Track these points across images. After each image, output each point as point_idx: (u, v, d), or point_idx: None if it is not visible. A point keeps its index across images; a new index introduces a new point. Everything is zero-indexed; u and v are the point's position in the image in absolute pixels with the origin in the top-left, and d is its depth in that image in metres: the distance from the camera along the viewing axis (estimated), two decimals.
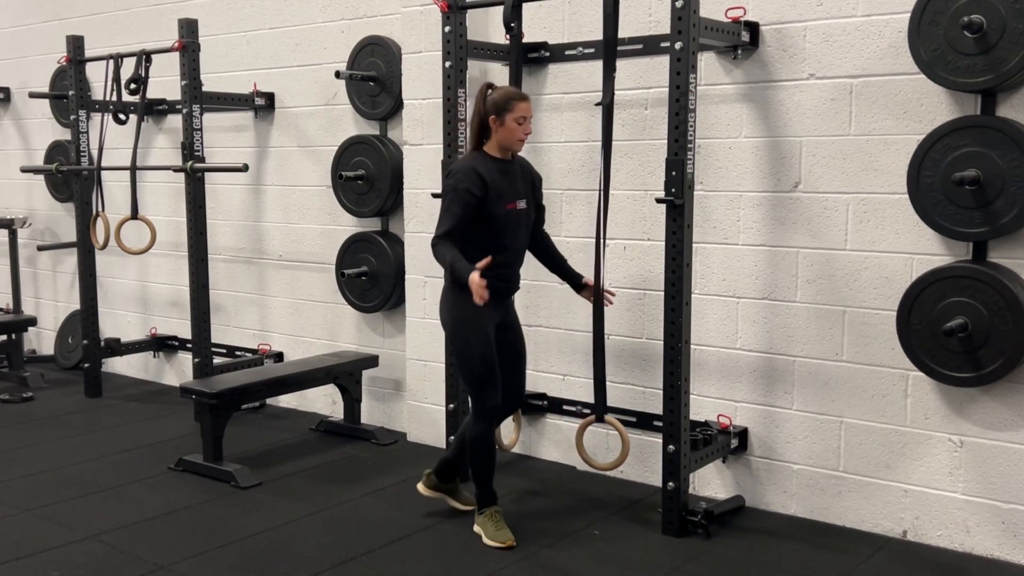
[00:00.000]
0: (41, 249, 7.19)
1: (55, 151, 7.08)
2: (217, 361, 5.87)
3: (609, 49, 3.90)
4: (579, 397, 4.69)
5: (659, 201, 3.78)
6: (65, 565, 3.69)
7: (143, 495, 4.47)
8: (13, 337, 6.82)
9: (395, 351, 5.50)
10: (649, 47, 4.31)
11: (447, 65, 4.42)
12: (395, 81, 5.22)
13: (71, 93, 6.09)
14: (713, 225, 4.28)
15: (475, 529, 3.94)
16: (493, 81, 3.96)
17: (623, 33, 4.14)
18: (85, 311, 6.30)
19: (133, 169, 5.71)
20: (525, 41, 4.50)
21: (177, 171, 5.56)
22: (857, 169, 3.91)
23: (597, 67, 4.32)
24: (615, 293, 4.22)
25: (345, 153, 5.46)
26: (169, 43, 5.52)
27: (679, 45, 3.67)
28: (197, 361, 5.69)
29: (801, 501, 4.15)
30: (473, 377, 3.81)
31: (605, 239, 3.96)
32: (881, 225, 3.87)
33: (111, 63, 5.69)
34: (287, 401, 6.04)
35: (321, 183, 5.73)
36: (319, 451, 5.14)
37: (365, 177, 5.34)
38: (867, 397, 3.96)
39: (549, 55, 4.66)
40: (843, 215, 3.96)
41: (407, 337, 5.27)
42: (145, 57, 5.57)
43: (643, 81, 4.42)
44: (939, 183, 3.59)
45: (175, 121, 6.33)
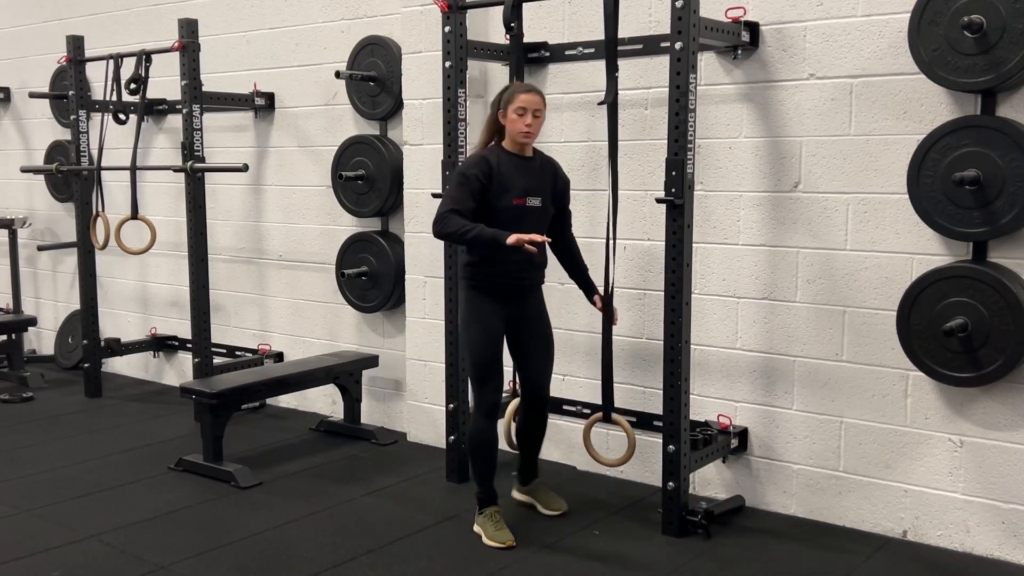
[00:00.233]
0: (41, 249, 7.19)
1: (55, 151, 7.09)
2: (217, 361, 5.87)
3: (610, 49, 3.90)
4: (579, 397, 4.69)
5: (659, 201, 3.78)
6: (65, 565, 3.69)
7: (143, 495, 4.47)
8: (13, 337, 6.82)
9: (395, 351, 5.50)
10: (649, 47, 4.31)
11: (447, 65, 4.42)
12: (395, 81, 5.22)
13: (71, 93, 6.09)
14: (713, 225, 4.28)
15: (475, 529, 3.94)
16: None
17: (623, 33, 4.13)
18: (85, 311, 6.30)
19: (133, 169, 5.71)
20: (525, 41, 4.50)
21: (177, 171, 5.56)
22: (857, 169, 3.91)
23: (597, 67, 4.33)
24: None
25: (345, 153, 5.46)
26: (169, 43, 5.52)
27: (679, 45, 3.67)
28: (197, 361, 5.69)
29: (801, 501, 4.15)
30: (473, 371, 3.87)
31: (615, 241, 3.95)
32: (881, 225, 3.87)
33: (111, 63, 5.69)
34: (287, 401, 6.04)
35: (321, 183, 5.73)
36: (319, 451, 5.14)
37: (365, 177, 5.34)
38: (867, 397, 3.96)
39: (549, 55, 4.66)
40: (843, 215, 3.96)
41: (407, 337, 5.27)
42: (145, 57, 5.57)
43: (643, 81, 4.42)
44: (939, 183, 3.59)
45: (175, 121, 6.33)
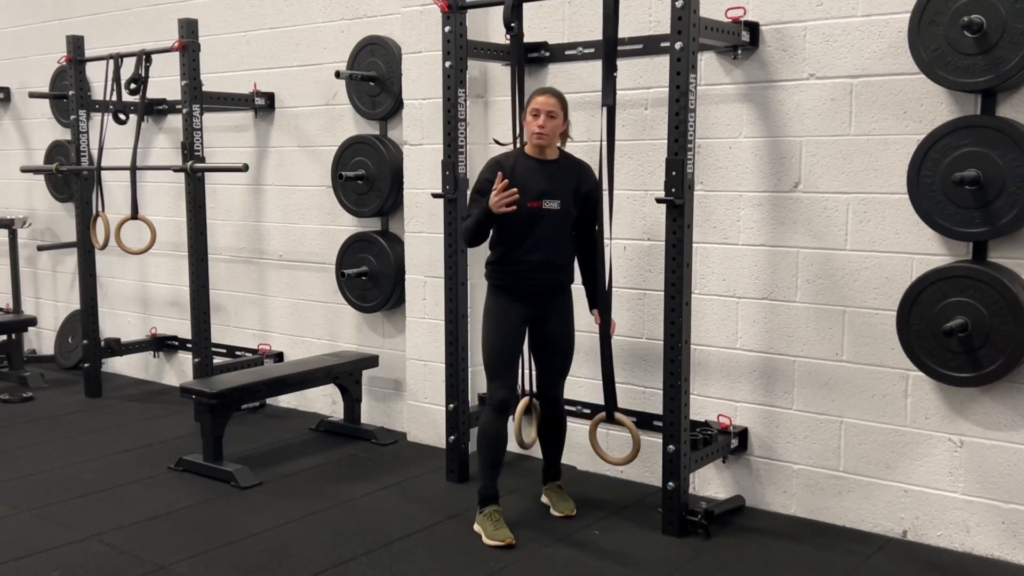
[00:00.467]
0: (41, 249, 7.19)
1: (55, 151, 7.09)
2: (217, 361, 5.88)
3: (610, 49, 3.90)
4: (580, 397, 4.69)
5: (659, 201, 3.78)
6: (65, 565, 3.69)
7: (143, 495, 4.47)
8: (13, 337, 6.82)
9: (395, 351, 5.50)
10: (649, 47, 4.31)
11: (447, 65, 4.42)
12: (395, 81, 5.22)
13: (71, 93, 6.09)
14: (713, 225, 4.28)
15: (475, 528, 3.94)
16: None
17: (623, 33, 4.14)
18: (85, 311, 6.30)
19: (133, 169, 5.70)
20: (525, 41, 4.50)
21: (177, 171, 5.56)
22: (857, 169, 3.91)
23: (597, 67, 4.32)
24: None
25: (345, 153, 5.46)
26: (169, 43, 5.52)
27: (679, 45, 3.67)
28: (197, 361, 5.69)
29: (801, 501, 4.15)
30: (485, 366, 4.00)
31: (610, 239, 3.97)
32: (881, 225, 3.87)
33: (111, 63, 5.69)
34: (287, 401, 6.04)
35: (321, 183, 5.73)
36: (319, 451, 5.14)
37: (365, 177, 5.34)
38: (867, 397, 3.96)
39: (549, 55, 4.66)
40: (843, 215, 3.96)
41: (407, 337, 5.27)
42: (145, 57, 5.57)
43: (643, 81, 4.42)
44: (939, 183, 3.59)
45: (175, 121, 6.33)
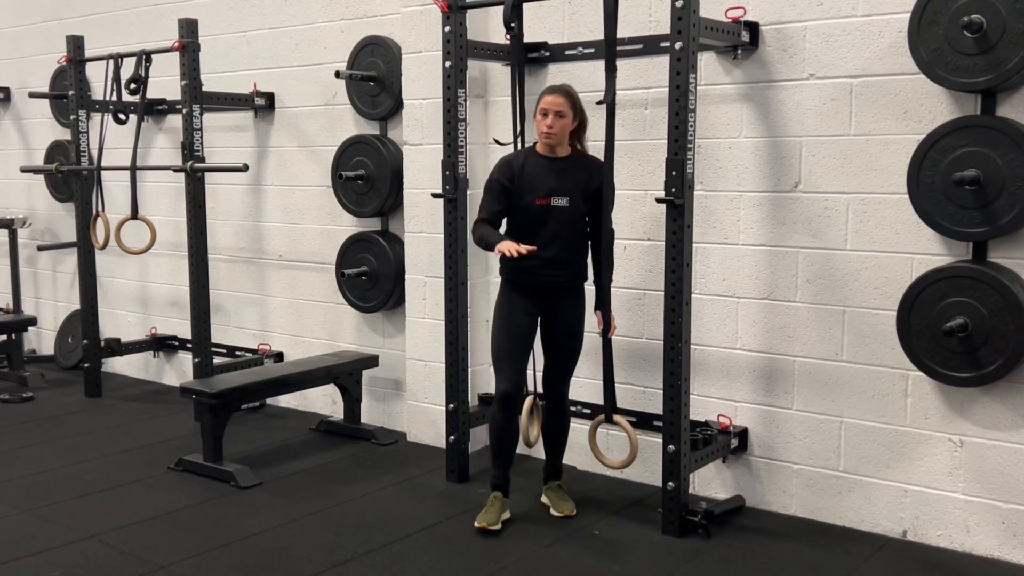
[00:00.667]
0: (41, 249, 7.19)
1: (55, 151, 7.09)
2: (217, 361, 5.88)
3: (610, 49, 3.90)
4: (580, 397, 4.69)
5: (659, 201, 3.78)
6: (65, 565, 3.69)
7: (143, 495, 4.47)
8: (13, 337, 6.82)
9: (395, 351, 5.50)
10: (649, 47, 4.31)
11: (447, 65, 4.42)
12: (395, 81, 5.22)
13: (71, 93, 6.09)
14: (713, 225, 4.28)
15: None
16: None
17: (623, 33, 4.14)
18: (85, 311, 6.30)
19: (133, 169, 5.70)
20: (525, 41, 4.50)
21: (177, 171, 5.56)
22: (857, 169, 3.91)
23: (597, 67, 4.33)
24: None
25: (345, 153, 5.46)
26: (169, 43, 5.52)
27: (679, 45, 3.67)
28: (197, 361, 5.69)
29: (801, 501, 4.15)
30: (492, 359, 4.08)
31: (609, 239, 3.98)
32: (881, 225, 3.87)
33: (111, 63, 5.69)
34: (287, 401, 6.04)
35: (321, 183, 5.73)
36: (319, 451, 5.14)
37: (365, 177, 5.34)
38: (867, 397, 3.96)
39: (549, 55, 4.66)
40: (843, 215, 3.96)
41: (407, 337, 5.27)
42: (145, 57, 5.57)
43: (643, 81, 4.42)
44: (939, 183, 3.59)
45: (175, 121, 6.33)
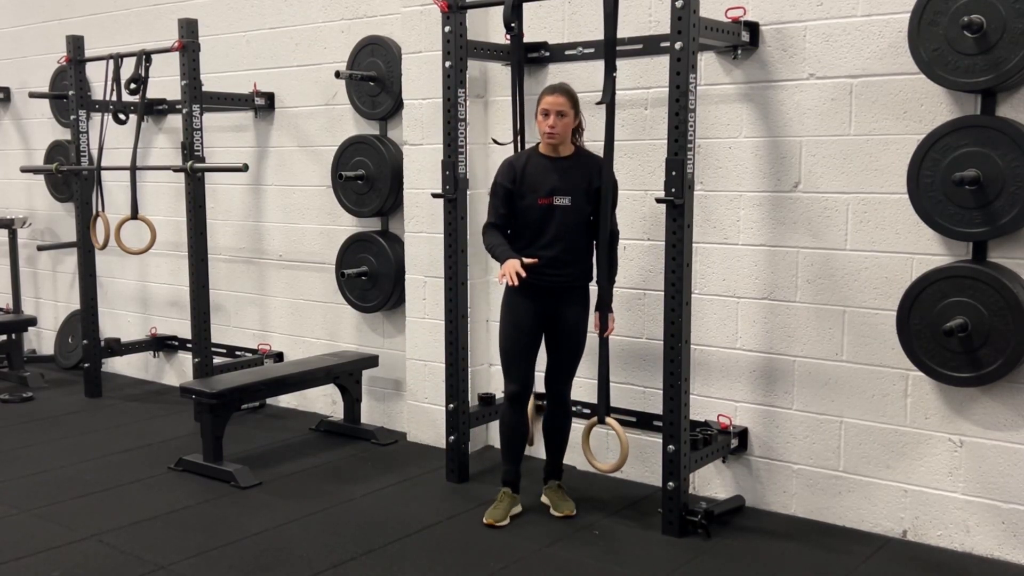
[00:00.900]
0: (41, 249, 7.19)
1: (55, 151, 7.09)
2: (217, 361, 5.88)
3: (609, 49, 3.91)
4: (579, 397, 4.68)
5: (659, 201, 3.78)
6: (65, 565, 3.69)
7: (143, 495, 4.47)
8: (13, 337, 6.82)
9: (395, 351, 5.50)
10: (649, 47, 4.31)
11: (447, 65, 4.42)
12: (395, 81, 5.22)
13: (71, 93, 6.09)
14: (713, 225, 4.28)
15: None
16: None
17: (623, 33, 4.14)
18: (85, 311, 6.30)
19: (133, 169, 5.71)
20: (525, 41, 4.50)
21: (177, 171, 5.56)
22: (857, 169, 3.91)
23: (597, 67, 4.33)
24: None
25: (345, 153, 5.46)
26: (169, 43, 5.52)
27: (679, 45, 3.67)
28: (197, 361, 5.69)
29: (801, 501, 4.15)
30: (501, 359, 4.11)
31: (612, 239, 4.00)
32: (881, 225, 3.87)
33: (111, 63, 5.69)
34: (287, 401, 6.04)
35: (321, 183, 5.73)
36: (319, 451, 5.14)
37: (365, 177, 5.34)
38: (867, 397, 3.96)
39: (549, 55, 4.66)
40: (843, 215, 3.96)
41: (407, 337, 5.27)
42: (145, 57, 5.57)
43: (643, 81, 4.42)
44: (939, 183, 3.59)
45: (175, 121, 6.33)
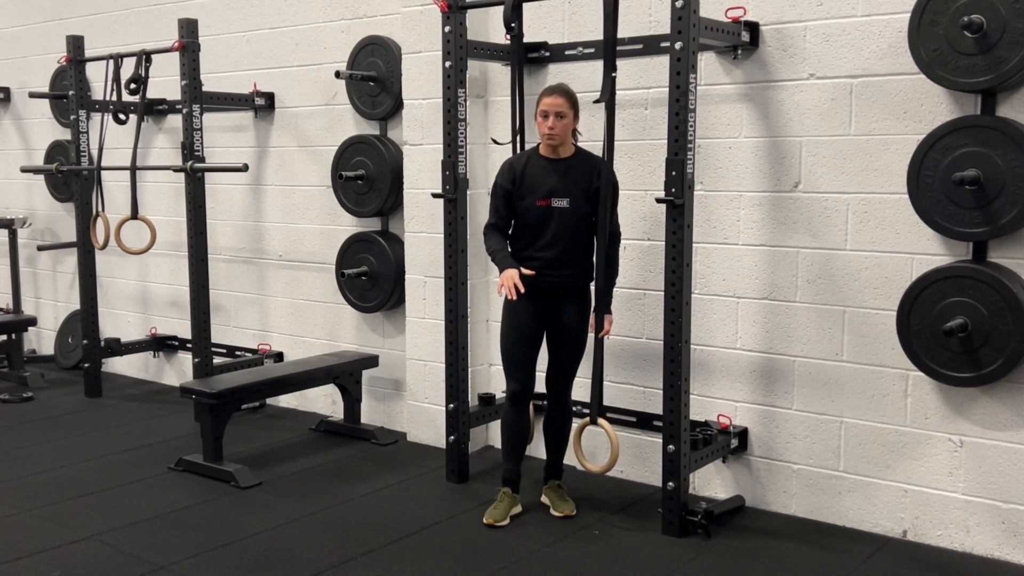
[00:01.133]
0: (41, 249, 7.19)
1: (55, 151, 7.09)
2: (217, 361, 5.88)
3: (608, 48, 3.91)
4: (578, 397, 4.68)
5: (659, 201, 3.78)
6: (65, 565, 3.69)
7: (143, 495, 4.47)
8: (13, 337, 6.82)
9: (395, 351, 5.50)
10: (649, 47, 4.31)
11: (447, 65, 4.42)
12: (395, 81, 5.22)
13: (71, 93, 6.09)
14: (713, 225, 4.28)
15: None
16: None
17: (623, 33, 4.14)
18: (85, 311, 6.30)
19: (133, 169, 5.71)
20: (525, 41, 4.50)
21: (177, 171, 5.56)
22: (857, 169, 3.91)
23: (597, 67, 4.33)
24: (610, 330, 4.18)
25: (345, 153, 5.46)
26: (169, 43, 5.52)
27: (679, 45, 3.67)
28: (197, 361, 5.69)
29: (801, 501, 4.15)
30: (502, 359, 4.14)
31: (611, 240, 4.00)
32: (881, 225, 3.87)
33: (111, 63, 5.69)
34: (287, 401, 6.04)
35: (321, 183, 5.73)
36: (319, 451, 5.14)
37: (365, 177, 5.34)
38: (867, 397, 3.96)
39: (549, 55, 4.66)
40: (843, 215, 3.96)
41: (407, 337, 5.27)
42: (145, 57, 5.57)
43: (643, 81, 4.42)
44: (939, 183, 3.59)
45: (175, 121, 6.33)
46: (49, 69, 7.06)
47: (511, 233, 4.05)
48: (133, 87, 5.62)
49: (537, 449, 4.58)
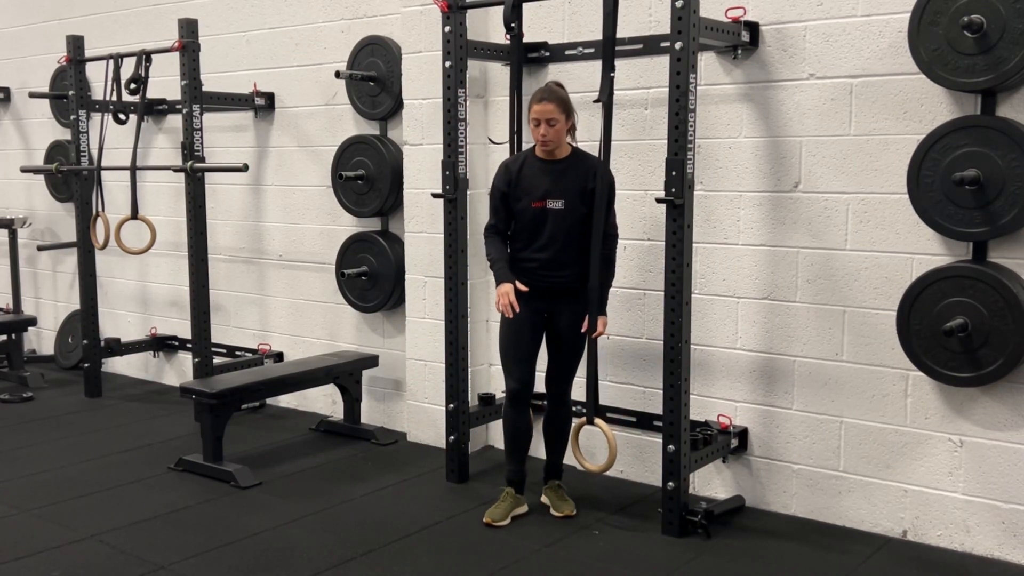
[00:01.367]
0: (41, 249, 7.20)
1: (55, 151, 7.09)
2: (217, 361, 5.88)
3: (608, 48, 3.91)
4: (577, 397, 4.68)
5: (659, 201, 3.78)
6: (65, 565, 3.69)
7: (143, 495, 4.47)
8: (13, 337, 6.82)
9: (395, 351, 5.50)
10: (649, 47, 4.31)
11: (447, 65, 4.42)
12: (395, 81, 5.22)
13: (71, 93, 6.09)
14: (713, 225, 4.28)
15: None
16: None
17: (623, 33, 4.14)
18: (85, 311, 6.30)
19: (133, 169, 5.71)
20: (525, 41, 4.50)
21: (177, 171, 5.56)
22: (857, 169, 3.91)
23: (597, 67, 4.32)
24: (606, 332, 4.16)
25: (345, 153, 5.46)
26: (169, 43, 5.52)
27: (679, 45, 3.67)
28: (197, 361, 5.69)
29: (801, 501, 4.15)
30: (501, 359, 4.14)
31: (608, 241, 4.00)
32: (881, 225, 3.87)
33: (111, 63, 5.69)
34: (287, 401, 6.04)
35: (321, 183, 5.73)
36: (319, 451, 5.14)
37: (365, 177, 5.34)
38: (867, 397, 3.96)
39: (549, 55, 4.66)
40: (843, 215, 3.96)
41: (407, 337, 5.27)
42: (145, 57, 5.57)
43: (643, 81, 4.42)
44: (939, 183, 3.59)
45: (175, 121, 6.33)
46: (49, 69, 7.06)
47: (510, 233, 4.06)
48: (133, 87, 5.62)
49: (537, 449, 4.57)
